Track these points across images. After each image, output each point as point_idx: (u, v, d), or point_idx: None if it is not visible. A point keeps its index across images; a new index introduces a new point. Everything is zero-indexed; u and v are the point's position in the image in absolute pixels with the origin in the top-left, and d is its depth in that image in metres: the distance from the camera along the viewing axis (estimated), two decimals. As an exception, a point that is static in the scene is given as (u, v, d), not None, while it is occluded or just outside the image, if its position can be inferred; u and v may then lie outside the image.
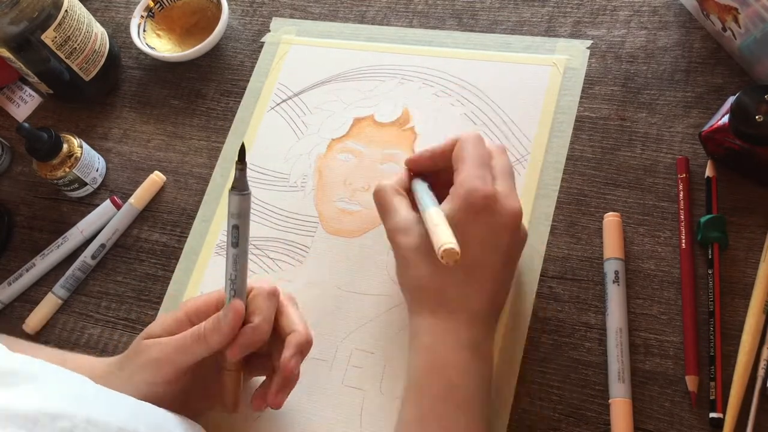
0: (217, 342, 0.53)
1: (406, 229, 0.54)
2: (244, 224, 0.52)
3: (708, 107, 0.62)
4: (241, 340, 0.53)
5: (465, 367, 0.51)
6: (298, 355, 0.54)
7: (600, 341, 0.56)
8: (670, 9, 0.68)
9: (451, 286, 0.52)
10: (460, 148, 0.54)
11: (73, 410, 0.41)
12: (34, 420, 0.38)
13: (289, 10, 0.80)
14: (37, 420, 0.38)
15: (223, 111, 0.76)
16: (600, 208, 0.61)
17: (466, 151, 0.54)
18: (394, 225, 0.55)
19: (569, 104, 0.66)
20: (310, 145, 0.71)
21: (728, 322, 0.54)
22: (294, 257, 0.66)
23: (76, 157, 0.73)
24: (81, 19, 0.75)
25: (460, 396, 0.50)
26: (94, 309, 0.70)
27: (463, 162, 0.53)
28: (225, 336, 0.52)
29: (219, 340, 0.52)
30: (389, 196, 0.56)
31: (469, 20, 0.73)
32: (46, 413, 0.39)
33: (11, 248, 0.76)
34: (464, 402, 0.50)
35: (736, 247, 0.57)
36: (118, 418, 0.44)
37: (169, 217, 0.72)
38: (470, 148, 0.54)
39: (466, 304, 0.52)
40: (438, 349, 0.51)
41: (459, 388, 0.51)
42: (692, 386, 0.53)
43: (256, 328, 0.53)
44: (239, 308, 0.53)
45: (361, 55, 0.74)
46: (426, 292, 0.53)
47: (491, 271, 0.53)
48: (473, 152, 0.54)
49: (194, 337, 0.53)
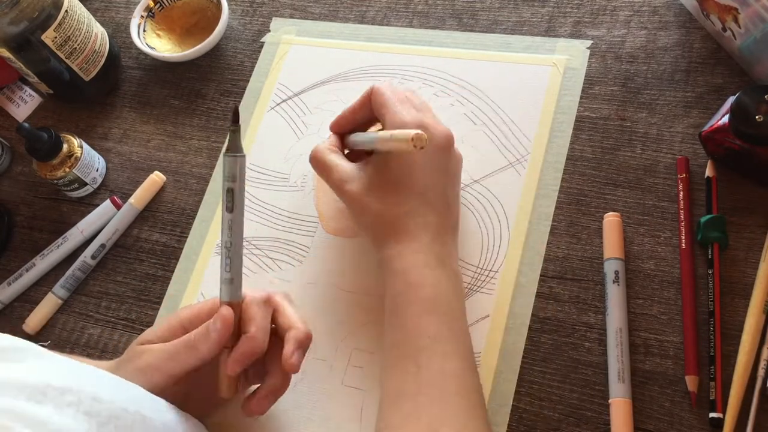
0: (207, 350, 0.52)
1: (351, 178, 0.58)
2: (239, 188, 0.53)
3: (708, 107, 0.62)
4: (238, 352, 0.53)
5: (439, 282, 0.54)
6: (299, 351, 0.54)
7: (600, 341, 0.56)
8: (670, 9, 0.68)
9: (406, 214, 0.56)
10: (378, 95, 0.59)
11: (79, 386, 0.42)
12: (43, 392, 0.39)
13: (289, 10, 0.80)
14: (46, 392, 0.39)
15: (223, 111, 0.76)
16: (600, 208, 0.61)
17: (384, 96, 0.58)
18: (338, 177, 0.59)
19: (569, 104, 0.66)
20: (310, 145, 0.70)
21: (728, 322, 0.54)
22: (294, 257, 0.66)
23: (76, 157, 0.73)
24: (81, 19, 0.75)
25: (441, 309, 0.53)
26: (94, 309, 0.70)
27: (386, 105, 0.58)
28: (213, 343, 0.52)
29: (208, 348, 0.52)
30: (325, 155, 0.60)
31: (469, 20, 0.73)
32: (54, 387, 0.40)
33: (11, 248, 0.76)
34: (445, 314, 0.53)
35: (736, 247, 0.57)
36: (122, 399, 0.44)
37: (169, 217, 0.72)
38: (387, 93, 0.59)
39: (424, 226, 0.55)
40: (410, 271, 0.54)
41: (438, 301, 0.53)
42: (692, 386, 0.53)
43: (252, 338, 0.53)
44: (227, 316, 0.52)
45: (361, 55, 0.74)
46: (387, 225, 0.56)
47: (439, 190, 0.57)
48: (391, 95, 0.58)
49: (184, 345, 0.53)
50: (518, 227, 0.62)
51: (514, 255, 0.61)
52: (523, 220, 0.62)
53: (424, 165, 0.56)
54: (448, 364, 0.51)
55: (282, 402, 0.58)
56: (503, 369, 0.57)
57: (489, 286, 0.60)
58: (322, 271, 0.65)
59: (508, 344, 0.58)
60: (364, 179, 0.57)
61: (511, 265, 0.60)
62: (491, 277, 0.60)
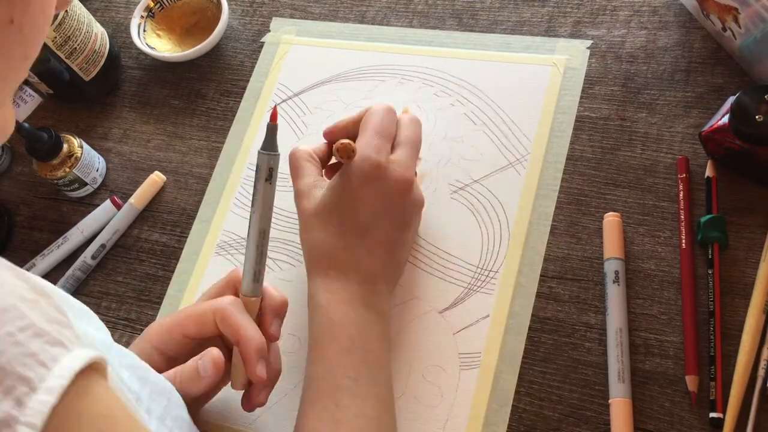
0: (197, 391, 0.52)
1: (309, 194, 0.57)
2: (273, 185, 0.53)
3: (708, 107, 0.62)
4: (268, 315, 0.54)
5: (362, 322, 0.53)
6: (277, 319, 0.54)
7: (600, 341, 0.56)
8: (670, 9, 0.68)
9: (342, 249, 0.55)
10: (366, 118, 0.58)
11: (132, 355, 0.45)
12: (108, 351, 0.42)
13: (289, 10, 0.80)
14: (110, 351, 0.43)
15: (223, 111, 0.76)
16: (600, 208, 0.61)
17: (368, 121, 0.58)
18: (299, 188, 0.58)
19: (569, 104, 0.66)
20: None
21: (728, 322, 0.54)
22: (294, 257, 0.66)
23: (76, 157, 0.73)
24: (81, 19, 0.75)
25: (362, 348, 0.52)
26: (94, 309, 0.69)
27: (364, 131, 0.57)
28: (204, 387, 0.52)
29: (198, 390, 0.52)
30: (301, 161, 0.59)
31: (469, 20, 0.73)
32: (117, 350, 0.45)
33: (11, 248, 0.76)
34: (368, 353, 0.53)
35: (736, 247, 0.57)
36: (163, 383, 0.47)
37: (169, 217, 0.72)
38: (374, 118, 0.58)
39: (356, 265, 0.55)
40: (334, 307, 0.54)
41: (360, 341, 0.53)
42: (692, 386, 0.53)
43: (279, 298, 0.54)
44: (218, 360, 0.51)
45: (361, 55, 0.74)
46: (319, 254, 0.56)
47: (381, 234, 0.56)
48: (375, 122, 0.57)
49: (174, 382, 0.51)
50: (518, 227, 0.62)
51: (514, 255, 0.61)
52: (523, 220, 0.62)
53: (372, 205, 0.55)
54: (368, 407, 0.50)
55: (281, 403, 0.58)
56: (503, 369, 0.57)
57: (489, 286, 0.60)
58: (322, 271, 0.65)
59: (508, 344, 0.58)
60: (317, 199, 0.57)
61: (511, 265, 0.60)
62: (491, 277, 0.60)
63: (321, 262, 0.56)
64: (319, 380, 0.52)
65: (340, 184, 0.56)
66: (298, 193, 0.58)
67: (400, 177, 0.56)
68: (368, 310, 0.54)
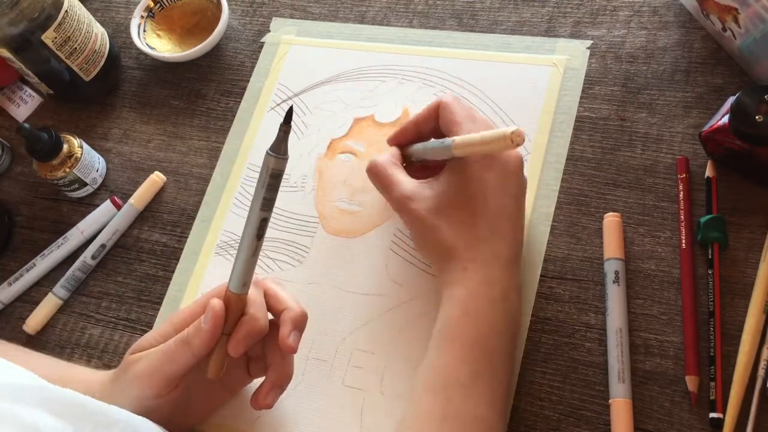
0: (200, 343, 0.51)
1: (416, 195, 0.55)
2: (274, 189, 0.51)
3: (708, 107, 0.62)
4: (240, 333, 0.52)
5: (496, 318, 0.52)
6: (296, 332, 0.54)
7: (600, 341, 0.56)
8: (670, 9, 0.68)
9: (480, 240, 0.53)
10: (447, 111, 0.57)
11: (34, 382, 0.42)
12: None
13: (289, 10, 0.80)
14: None
15: (223, 111, 0.76)
16: (600, 208, 0.61)
17: (453, 113, 0.56)
18: (400, 194, 0.56)
19: (569, 104, 0.66)
20: (310, 145, 0.71)
21: (728, 322, 0.54)
22: (294, 257, 0.66)
23: (76, 157, 0.73)
24: (81, 19, 0.75)
25: (489, 345, 0.51)
26: (95, 309, 0.70)
27: (457, 123, 0.56)
28: (206, 335, 0.51)
29: (201, 341, 0.51)
30: (387, 169, 0.57)
31: (469, 20, 0.73)
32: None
33: (11, 248, 0.76)
34: (493, 351, 0.51)
35: (736, 247, 0.57)
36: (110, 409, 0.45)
37: (169, 217, 0.72)
38: (457, 110, 0.57)
39: (495, 253, 0.53)
40: (471, 301, 0.52)
41: (489, 337, 0.51)
42: (692, 386, 0.53)
43: (252, 318, 0.52)
44: (217, 307, 0.52)
45: (361, 55, 0.74)
46: (455, 250, 0.54)
47: (510, 216, 0.54)
48: (462, 112, 0.56)
49: (178, 343, 0.52)
50: (518, 227, 0.62)
51: (514, 255, 0.61)
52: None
53: (497, 187, 0.54)
54: (480, 408, 0.50)
55: (282, 402, 0.58)
56: (503, 369, 0.57)
57: (489, 286, 0.60)
58: (322, 271, 0.65)
59: (508, 344, 0.58)
60: (432, 198, 0.55)
61: (511, 265, 0.60)
62: (491, 277, 0.60)
63: (455, 257, 0.53)
64: (439, 373, 0.51)
65: (459, 176, 0.54)
66: (403, 198, 0.56)
67: (513, 155, 0.55)
68: (505, 303, 0.53)
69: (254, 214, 0.51)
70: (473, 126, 0.55)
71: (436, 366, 0.52)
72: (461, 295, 0.52)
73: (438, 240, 0.54)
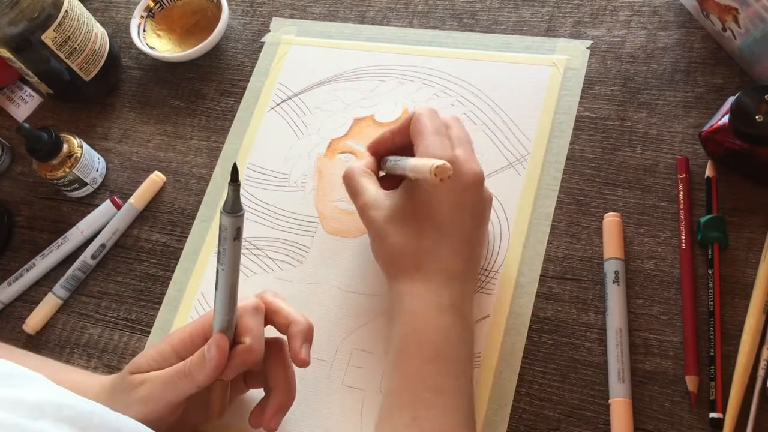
0: (203, 379, 0.51)
1: (376, 204, 0.56)
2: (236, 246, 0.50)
3: (708, 107, 0.62)
4: (234, 362, 0.52)
5: (447, 329, 0.52)
6: (306, 345, 0.54)
7: (600, 341, 0.56)
8: (670, 9, 0.68)
9: (425, 250, 0.54)
10: (416, 122, 0.57)
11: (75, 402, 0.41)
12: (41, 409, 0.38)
13: (289, 10, 0.80)
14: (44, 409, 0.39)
15: (223, 111, 0.76)
16: (600, 208, 0.61)
17: (421, 124, 0.56)
18: (364, 202, 0.57)
19: (569, 104, 0.66)
20: (310, 145, 0.71)
21: (728, 322, 0.54)
22: (294, 257, 0.66)
23: (76, 157, 0.73)
24: (81, 19, 0.75)
25: (446, 358, 0.51)
26: (94, 309, 0.70)
27: (421, 134, 0.56)
28: (210, 371, 0.51)
29: (205, 377, 0.51)
30: (357, 177, 0.58)
31: (469, 20, 0.73)
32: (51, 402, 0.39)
33: (11, 248, 0.76)
34: (451, 363, 0.52)
35: (736, 247, 0.57)
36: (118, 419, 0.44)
37: (169, 217, 0.72)
38: (425, 121, 0.56)
39: (441, 266, 0.54)
40: (419, 312, 0.53)
41: (444, 350, 0.52)
42: (692, 386, 0.53)
43: (248, 350, 0.52)
44: (222, 344, 0.52)
45: (361, 55, 0.74)
46: (402, 259, 0.55)
47: (462, 231, 0.55)
48: (429, 124, 0.56)
49: (180, 375, 0.52)
50: (518, 227, 0.62)
51: (514, 255, 0.61)
52: (523, 220, 0.62)
53: (449, 202, 0.54)
54: (446, 419, 0.50)
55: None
56: (503, 369, 0.57)
57: (489, 286, 0.60)
58: (322, 271, 0.65)
59: (508, 344, 0.58)
60: (388, 208, 0.56)
61: (511, 265, 0.60)
62: (491, 277, 0.60)
63: (403, 267, 0.54)
64: (400, 393, 0.51)
65: (412, 187, 0.55)
66: (365, 206, 0.57)
67: (471, 171, 0.54)
68: (455, 315, 0.53)
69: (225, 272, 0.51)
70: (437, 140, 0.55)
71: (396, 387, 0.51)
72: (409, 308, 0.53)
73: (387, 247, 0.55)
